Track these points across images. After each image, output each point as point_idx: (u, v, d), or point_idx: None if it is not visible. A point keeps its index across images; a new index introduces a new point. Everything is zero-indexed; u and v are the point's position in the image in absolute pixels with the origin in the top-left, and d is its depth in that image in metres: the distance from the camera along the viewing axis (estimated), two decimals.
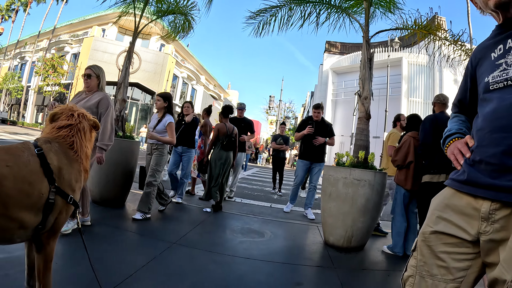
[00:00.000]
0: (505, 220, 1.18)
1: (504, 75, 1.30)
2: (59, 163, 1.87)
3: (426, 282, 1.35)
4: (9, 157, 1.69)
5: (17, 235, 1.73)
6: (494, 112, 1.30)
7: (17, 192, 1.64)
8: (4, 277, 2.48)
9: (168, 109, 5.23)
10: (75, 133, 2.03)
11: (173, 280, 2.92)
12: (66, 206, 1.88)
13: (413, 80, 29.07)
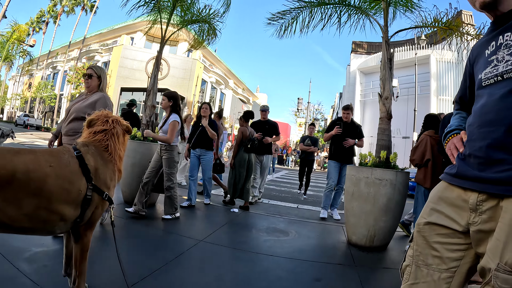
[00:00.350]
0: (492, 211, 1.25)
1: (494, 71, 1.36)
2: (96, 164, 2.10)
3: (422, 271, 1.42)
4: (52, 158, 1.93)
5: (58, 226, 1.97)
6: (483, 107, 1.37)
7: (59, 189, 1.88)
8: (43, 267, 2.79)
9: (173, 108, 5.18)
10: (109, 137, 2.27)
11: (198, 274, 3.12)
12: (101, 202, 2.11)
13: (442, 77, 28.24)
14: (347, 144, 6.40)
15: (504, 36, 1.37)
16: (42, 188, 1.82)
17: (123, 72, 36.58)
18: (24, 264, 2.77)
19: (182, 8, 7.06)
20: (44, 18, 50.84)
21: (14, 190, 1.73)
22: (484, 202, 1.28)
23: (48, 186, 1.83)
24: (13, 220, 1.77)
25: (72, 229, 2.10)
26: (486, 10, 1.46)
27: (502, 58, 1.34)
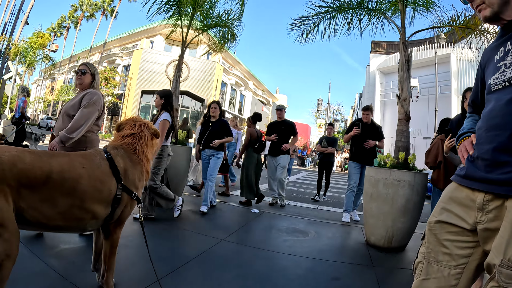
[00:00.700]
0: (498, 210, 1.33)
1: (502, 77, 1.42)
2: (125, 165, 2.26)
3: (432, 268, 1.50)
4: (84, 160, 2.10)
5: (89, 224, 2.13)
6: (490, 112, 1.45)
7: (91, 189, 2.04)
8: (71, 263, 2.96)
9: (164, 107, 4.99)
10: (137, 141, 2.42)
11: (220, 271, 3.26)
12: (130, 201, 2.26)
13: (463, 76, 27.68)
14: (367, 146, 6.33)
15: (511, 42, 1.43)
16: (76, 188, 1.96)
17: (144, 75, 37.18)
18: (53, 260, 2.93)
19: (202, 13, 7.22)
20: (65, 24, 52.24)
21: (50, 190, 1.87)
22: (490, 202, 1.36)
23: (81, 186, 1.98)
24: (49, 218, 1.90)
25: (103, 227, 2.25)
26: (491, 23, 1.53)
27: (510, 64, 1.40)
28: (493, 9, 1.46)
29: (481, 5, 1.48)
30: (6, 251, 1.67)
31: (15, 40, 23.57)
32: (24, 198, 1.79)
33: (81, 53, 50.44)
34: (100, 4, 49.14)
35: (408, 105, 5.25)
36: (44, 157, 1.93)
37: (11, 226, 1.70)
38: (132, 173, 2.32)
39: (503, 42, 1.50)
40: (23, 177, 1.78)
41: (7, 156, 1.77)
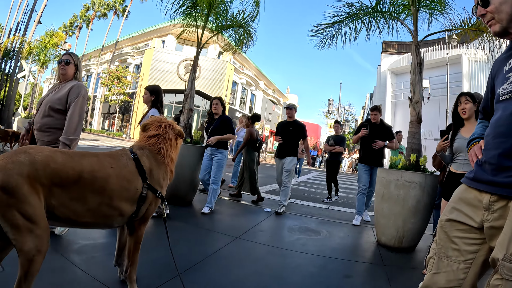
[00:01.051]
0: (502, 210, 1.46)
1: (510, 88, 1.55)
2: (150, 165, 2.38)
3: (443, 262, 1.64)
4: (113, 160, 2.22)
5: (116, 221, 2.25)
6: (497, 120, 1.58)
7: (119, 187, 2.16)
8: (92, 258, 3.10)
9: (154, 103, 4.88)
10: (162, 141, 2.53)
11: (235, 268, 3.38)
12: (155, 199, 2.38)
13: (475, 77, 27.38)
14: (376, 146, 6.23)
15: None
16: (105, 187, 2.08)
17: (155, 74, 37.46)
18: (74, 256, 3.06)
19: (216, 15, 7.33)
20: (77, 23, 52.76)
21: (81, 188, 1.98)
22: (495, 203, 1.49)
23: (110, 185, 2.10)
24: (79, 215, 2.02)
25: (128, 223, 2.37)
26: (500, 37, 1.65)
27: None
28: (502, 24, 1.59)
29: (491, 20, 1.61)
30: (37, 246, 1.77)
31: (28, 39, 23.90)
32: (55, 196, 1.89)
33: (93, 52, 50.95)
34: (112, 4, 49.58)
35: (420, 107, 5.33)
36: (75, 157, 2.05)
37: (42, 223, 1.81)
38: (157, 172, 2.42)
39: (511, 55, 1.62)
40: (56, 176, 1.88)
41: (40, 156, 1.87)
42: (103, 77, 39.50)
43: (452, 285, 1.59)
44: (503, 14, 1.57)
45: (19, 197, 1.72)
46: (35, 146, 2.03)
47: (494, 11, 1.59)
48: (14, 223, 1.72)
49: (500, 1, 1.57)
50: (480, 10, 1.65)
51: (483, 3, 1.62)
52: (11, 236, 1.74)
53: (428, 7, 6.09)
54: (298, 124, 6.80)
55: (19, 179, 1.73)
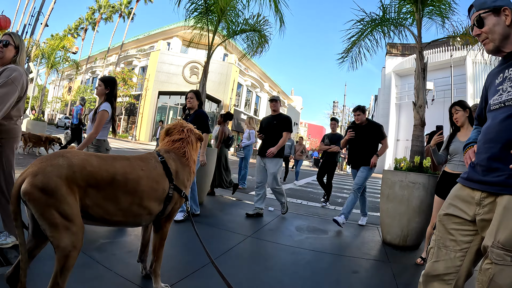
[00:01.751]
0: (491, 205, 1.73)
1: (499, 99, 1.80)
2: (176, 167, 2.58)
3: (441, 252, 1.90)
4: (143, 163, 2.41)
5: (144, 219, 2.44)
6: (487, 128, 1.85)
7: (149, 188, 2.34)
8: (112, 255, 3.29)
9: (108, 97, 4.36)
10: (186, 145, 2.74)
11: (249, 264, 3.62)
12: (179, 199, 2.58)
13: (479, 79, 27.32)
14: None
15: (509, 70, 1.80)
16: (136, 188, 2.25)
17: (161, 76, 37.74)
18: (95, 253, 3.23)
19: (226, 20, 7.52)
20: (83, 25, 53.23)
21: (114, 189, 2.15)
22: (485, 199, 1.76)
23: (140, 186, 2.27)
24: (111, 214, 2.18)
25: (154, 221, 2.56)
26: (493, 54, 1.91)
27: (506, 89, 1.78)
28: (494, 44, 1.83)
29: (485, 40, 1.86)
30: (73, 243, 1.93)
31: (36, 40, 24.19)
32: (90, 196, 2.05)
33: (99, 54, 51.33)
34: (117, 7, 49.97)
35: (424, 111, 5.52)
36: (109, 161, 2.21)
37: (78, 221, 1.97)
38: (182, 174, 2.61)
39: (503, 69, 1.86)
40: (91, 178, 2.04)
41: (77, 159, 2.03)
42: None
43: (450, 271, 1.85)
44: (496, 35, 1.81)
45: (57, 197, 1.88)
46: (72, 150, 2.19)
47: (488, 32, 1.83)
48: (52, 222, 1.88)
49: (494, 22, 1.81)
50: (476, 30, 1.89)
51: (478, 24, 1.86)
52: (49, 234, 1.90)
53: (432, 13, 6.29)
54: (283, 117, 6.18)
55: (58, 181, 1.89)
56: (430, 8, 6.21)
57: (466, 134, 3.94)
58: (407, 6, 6.31)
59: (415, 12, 5.96)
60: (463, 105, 4.03)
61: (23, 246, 1.91)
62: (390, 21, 6.63)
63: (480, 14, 1.85)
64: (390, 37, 6.93)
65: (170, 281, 2.78)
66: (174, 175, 2.53)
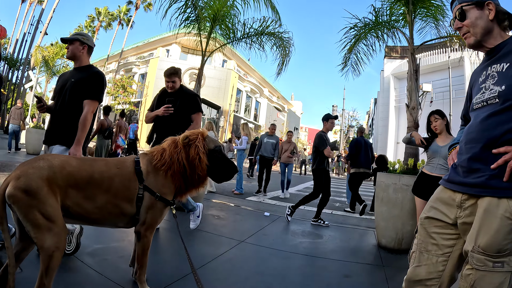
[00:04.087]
0: (472, 207, 1.66)
1: (481, 97, 1.74)
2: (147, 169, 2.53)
3: (423, 256, 1.83)
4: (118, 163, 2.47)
5: (120, 220, 2.43)
6: (469, 127, 1.79)
7: (122, 186, 2.36)
8: (104, 260, 3.29)
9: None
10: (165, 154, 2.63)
11: (240, 268, 3.59)
12: (155, 203, 2.48)
13: None
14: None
15: (491, 67, 1.74)
16: (111, 185, 2.29)
17: (160, 83, 37.59)
18: (88, 258, 3.22)
19: (227, 26, 7.52)
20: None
21: (91, 188, 2.21)
22: (466, 201, 1.69)
23: (114, 183, 2.31)
24: (89, 212, 2.23)
25: (135, 230, 2.51)
26: (474, 49, 1.87)
27: (488, 87, 1.71)
28: (476, 38, 1.78)
29: (467, 33, 1.81)
30: (56, 243, 1.97)
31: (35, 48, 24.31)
32: (70, 196, 2.12)
33: (98, 61, 51.26)
34: (116, 14, 50.08)
35: (417, 113, 5.51)
36: (87, 161, 2.31)
37: (60, 222, 2.02)
38: (155, 178, 2.51)
39: (485, 67, 1.80)
40: (71, 178, 2.12)
41: (57, 161, 2.12)
42: (109, 87, 39.83)
43: (432, 277, 1.78)
44: (477, 29, 1.76)
45: (40, 198, 1.94)
46: (53, 154, 2.30)
47: (469, 25, 1.78)
48: (36, 223, 1.93)
49: (476, 16, 1.76)
50: (457, 23, 1.84)
51: (460, 17, 1.81)
52: (33, 235, 1.94)
53: (424, 15, 6.29)
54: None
55: (39, 182, 1.95)
56: (422, 10, 6.21)
57: (443, 140, 4.20)
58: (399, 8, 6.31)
59: (406, 14, 5.96)
60: (441, 114, 4.31)
61: (10, 249, 1.94)
62: (383, 24, 6.63)
63: (463, 7, 1.80)
64: (384, 40, 6.94)
65: (160, 285, 2.79)
66: (145, 175, 2.47)
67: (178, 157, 2.55)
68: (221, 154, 2.68)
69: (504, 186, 1.53)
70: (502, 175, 1.53)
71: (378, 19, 6.61)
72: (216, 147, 2.67)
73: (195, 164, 2.56)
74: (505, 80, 1.63)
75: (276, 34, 7.96)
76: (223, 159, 2.68)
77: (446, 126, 4.28)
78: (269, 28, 7.83)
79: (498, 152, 1.57)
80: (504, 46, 1.73)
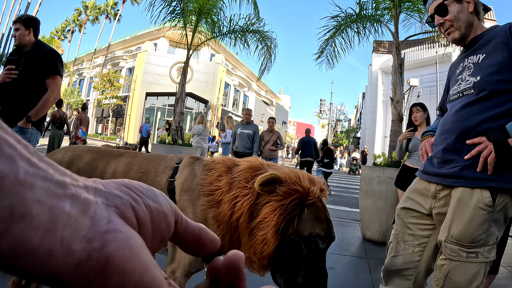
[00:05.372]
0: (446, 198, 1.68)
1: (458, 89, 1.76)
2: (183, 182, 1.87)
3: (400, 246, 1.85)
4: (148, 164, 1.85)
5: None
6: (444, 119, 1.80)
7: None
8: None
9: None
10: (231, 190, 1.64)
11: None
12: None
13: None
14: None
15: (468, 59, 1.76)
16: None
17: (148, 77, 37.42)
18: None
19: (206, 20, 7.49)
20: (69, 27, 52.71)
21: None
22: (440, 191, 1.71)
23: None
24: None
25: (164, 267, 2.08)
26: (458, 44, 1.84)
27: (465, 78, 1.72)
28: (460, 31, 1.77)
29: (450, 28, 1.78)
30: None
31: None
32: None
33: (85, 56, 50.71)
34: (103, 8, 49.57)
35: (401, 107, 5.56)
36: (105, 157, 1.84)
37: None
38: (190, 205, 1.63)
39: (463, 59, 1.81)
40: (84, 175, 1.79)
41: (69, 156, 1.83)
42: (96, 81, 39.42)
43: (409, 267, 1.80)
44: (461, 22, 1.75)
45: None
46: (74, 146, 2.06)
47: (453, 19, 1.76)
48: None
49: (458, 9, 1.74)
50: (438, 19, 1.80)
51: (441, 12, 1.78)
52: None
53: (409, 9, 6.32)
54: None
55: None
56: (408, 5, 6.25)
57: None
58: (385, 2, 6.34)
59: (392, 8, 5.98)
60: (423, 107, 4.45)
61: None
62: (367, 17, 6.65)
63: (444, 1, 1.77)
64: (365, 35, 6.97)
65: None
66: (178, 194, 1.64)
67: (239, 203, 1.45)
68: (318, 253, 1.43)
69: (477, 177, 1.55)
70: (476, 165, 1.54)
71: (362, 12, 6.62)
72: (314, 235, 1.40)
73: (256, 240, 1.41)
74: (480, 71, 1.65)
75: (260, 32, 7.92)
76: (316, 261, 1.43)
77: (426, 119, 4.40)
78: (254, 26, 7.76)
79: (472, 143, 1.58)
80: (481, 38, 1.75)
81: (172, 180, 1.66)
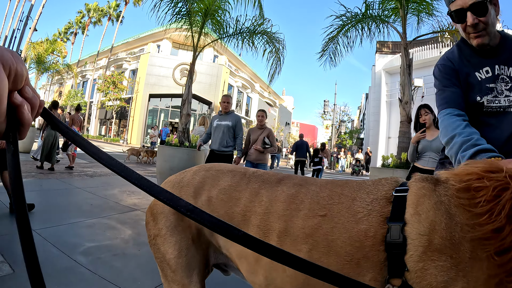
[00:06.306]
0: None
1: (497, 102, 1.62)
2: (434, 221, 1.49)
3: None
4: (334, 200, 1.17)
5: None
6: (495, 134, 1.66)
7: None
8: (97, 259, 3.22)
9: None
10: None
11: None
12: None
13: None
14: None
15: (499, 67, 1.60)
16: None
17: (151, 79, 37.41)
18: (80, 257, 3.17)
19: (217, 21, 7.44)
20: (72, 29, 52.88)
21: None
22: None
23: None
24: None
25: None
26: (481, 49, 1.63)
27: (501, 91, 1.59)
28: (489, 37, 1.57)
29: (482, 31, 1.55)
30: None
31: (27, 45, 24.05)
32: None
33: (88, 58, 50.81)
34: (106, 10, 49.68)
35: (410, 108, 5.52)
36: (253, 183, 1.31)
37: None
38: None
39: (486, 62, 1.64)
40: None
41: (200, 177, 1.40)
42: (99, 83, 39.46)
43: None
44: (493, 28, 1.56)
45: None
46: (212, 164, 1.54)
47: (488, 23, 1.54)
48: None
49: (493, 13, 1.54)
50: (474, 18, 1.53)
51: (479, 11, 1.52)
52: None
53: (417, 10, 6.28)
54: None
55: None
56: (415, 5, 6.21)
57: (432, 134, 4.36)
58: (392, 3, 6.30)
59: (399, 8, 5.95)
60: (430, 109, 4.46)
61: None
62: (373, 17, 6.62)
63: (486, 0, 1.50)
64: (370, 35, 6.94)
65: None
66: (422, 250, 0.89)
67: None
68: None
69: None
70: None
71: (368, 12, 6.59)
72: None
73: None
74: None
75: (268, 34, 7.83)
76: None
77: (433, 120, 4.44)
78: (262, 27, 7.68)
79: None
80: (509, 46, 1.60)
81: (398, 224, 0.93)
